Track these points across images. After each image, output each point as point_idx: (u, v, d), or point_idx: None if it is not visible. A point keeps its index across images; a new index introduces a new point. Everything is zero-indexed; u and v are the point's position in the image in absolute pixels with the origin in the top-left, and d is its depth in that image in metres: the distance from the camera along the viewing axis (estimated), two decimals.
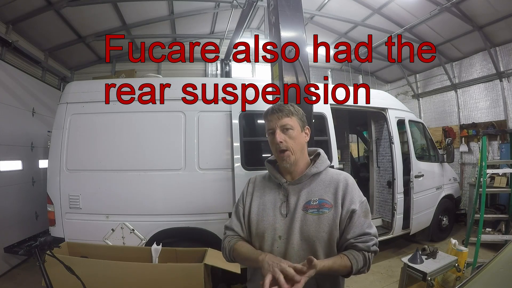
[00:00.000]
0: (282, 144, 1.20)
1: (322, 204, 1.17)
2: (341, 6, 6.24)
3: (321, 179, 1.23)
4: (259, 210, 1.25)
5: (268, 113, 1.27)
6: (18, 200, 4.16)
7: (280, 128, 1.22)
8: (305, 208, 1.17)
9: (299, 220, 1.16)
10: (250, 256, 1.16)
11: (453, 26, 5.83)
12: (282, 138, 1.21)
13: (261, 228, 1.22)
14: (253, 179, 1.38)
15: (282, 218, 1.19)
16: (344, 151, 5.65)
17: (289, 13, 2.85)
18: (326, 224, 1.15)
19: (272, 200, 1.25)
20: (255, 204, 1.28)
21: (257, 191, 1.31)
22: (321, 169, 1.24)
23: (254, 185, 1.34)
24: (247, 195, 1.32)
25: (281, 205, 1.21)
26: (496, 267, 1.10)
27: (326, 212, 1.16)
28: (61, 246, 2.40)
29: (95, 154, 3.10)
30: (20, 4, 4.46)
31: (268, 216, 1.22)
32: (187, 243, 2.92)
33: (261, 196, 1.28)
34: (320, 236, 1.14)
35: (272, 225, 1.20)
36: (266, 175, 1.36)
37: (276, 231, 1.19)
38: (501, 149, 5.64)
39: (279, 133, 1.21)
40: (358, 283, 3.43)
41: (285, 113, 1.23)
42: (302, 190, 1.21)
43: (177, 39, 7.26)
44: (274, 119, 1.23)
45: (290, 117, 1.24)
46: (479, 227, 3.73)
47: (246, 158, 3.18)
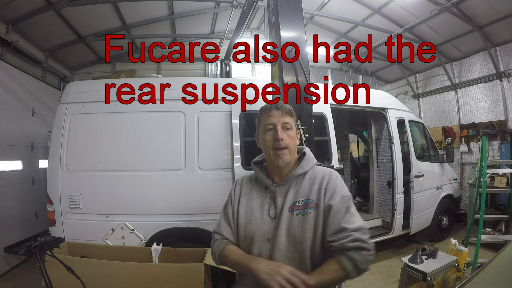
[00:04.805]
0: (283, 141, 1.18)
1: (307, 204, 1.15)
2: (341, 6, 6.24)
3: (307, 179, 1.21)
4: (247, 213, 1.23)
5: (270, 108, 1.24)
6: (18, 200, 4.16)
7: (281, 125, 1.20)
8: (291, 209, 1.16)
9: (285, 222, 1.15)
10: (240, 263, 1.14)
11: (453, 26, 5.83)
12: (283, 135, 1.19)
13: (249, 231, 1.20)
14: (239, 180, 1.36)
15: (271, 220, 1.18)
16: (344, 151, 5.65)
17: (289, 13, 2.85)
18: (311, 224, 1.13)
19: (259, 202, 1.23)
20: (242, 207, 1.25)
21: (244, 193, 1.29)
22: (306, 169, 1.23)
23: (241, 187, 1.32)
24: (235, 198, 1.30)
25: (269, 208, 1.20)
26: (496, 267, 1.10)
27: (311, 212, 1.14)
28: (61, 246, 2.39)
29: (95, 154, 3.09)
30: (20, 4, 4.46)
31: (256, 219, 1.20)
32: (187, 243, 2.92)
33: (248, 198, 1.26)
34: (306, 237, 1.12)
35: (260, 228, 1.18)
36: (253, 176, 1.33)
37: (265, 234, 1.17)
38: (501, 149, 5.65)
39: (281, 130, 1.19)
40: (358, 283, 3.42)
41: (286, 111, 1.22)
42: (289, 191, 1.20)
43: (177, 39, 7.27)
44: (277, 115, 1.21)
45: (290, 117, 1.23)
46: (479, 227, 3.73)
47: (246, 158, 3.18)
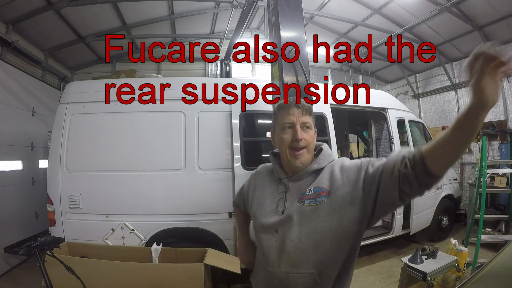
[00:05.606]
0: (302, 141, 1.13)
1: (319, 193, 1.09)
2: (341, 6, 6.24)
3: (322, 175, 1.15)
4: (258, 204, 1.24)
5: (290, 106, 1.17)
6: (18, 200, 4.16)
7: (300, 124, 1.14)
8: (301, 200, 1.11)
9: (296, 213, 1.10)
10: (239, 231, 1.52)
11: (453, 26, 5.83)
12: (303, 135, 1.14)
13: (258, 222, 1.20)
14: (259, 169, 1.37)
15: (280, 212, 1.15)
16: (344, 151, 5.65)
17: (289, 13, 2.85)
18: (325, 213, 1.05)
19: (271, 194, 1.21)
20: (256, 197, 1.27)
21: (259, 185, 1.30)
22: (322, 165, 1.15)
23: (258, 176, 1.33)
24: (250, 187, 1.34)
25: (279, 201, 1.17)
26: (496, 267, 1.10)
27: (324, 201, 1.06)
28: (61, 246, 2.39)
29: (95, 154, 3.09)
30: (20, 4, 4.46)
31: (266, 211, 1.19)
32: (187, 243, 2.92)
33: (262, 190, 1.26)
34: (320, 227, 1.05)
35: (268, 219, 1.17)
36: (270, 167, 1.32)
37: (271, 225, 1.15)
38: (501, 149, 5.65)
39: (300, 130, 1.14)
40: (358, 283, 3.42)
41: (306, 110, 1.16)
42: (302, 186, 1.16)
43: (177, 39, 7.27)
44: (297, 113, 1.15)
45: (310, 116, 1.17)
46: (479, 227, 3.73)
47: (246, 158, 3.19)
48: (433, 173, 0.87)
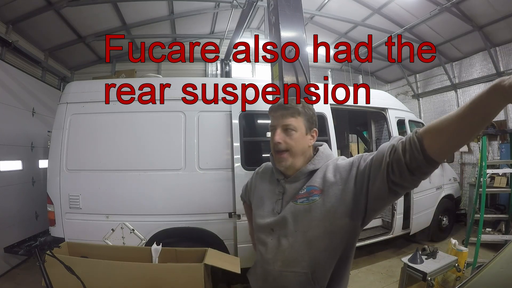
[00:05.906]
0: (280, 145, 1.13)
1: (311, 192, 1.09)
2: (341, 6, 6.24)
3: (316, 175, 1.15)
4: (258, 204, 1.27)
5: (273, 109, 1.20)
6: (18, 200, 4.16)
7: (281, 128, 1.15)
8: (295, 199, 1.12)
9: (289, 212, 1.11)
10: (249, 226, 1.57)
11: (453, 26, 5.84)
12: (281, 138, 1.14)
13: (256, 222, 1.25)
14: (262, 168, 1.39)
15: (276, 212, 1.17)
16: (344, 151, 5.65)
17: (289, 13, 2.85)
18: (318, 212, 1.06)
19: (270, 195, 1.24)
20: (256, 196, 1.31)
21: (260, 184, 1.32)
22: (318, 166, 1.15)
23: (260, 175, 1.36)
24: (253, 185, 1.39)
25: (276, 202, 1.19)
26: (496, 267, 1.10)
27: (317, 200, 1.07)
28: (61, 246, 2.39)
29: (95, 154, 3.09)
30: (20, 4, 4.46)
31: (263, 212, 1.22)
32: (187, 243, 2.92)
33: (262, 190, 1.29)
34: (313, 226, 1.06)
35: (265, 219, 1.19)
36: (271, 166, 1.32)
37: (267, 225, 1.18)
38: (501, 149, 5.65)
39: (279, 133, 1.14)
40: (358, 283, 3.41)
41: (290, 112, 1.15)
42: (298, 188, 1.17)
43: (177, 39, 7.27)
44: (278, 116, 1.16)
45: (296, 117, 1.15)
46: (479, 227, 3.73)
47: (246, 158, 3.19)
48: (431, 157, 0.79)
